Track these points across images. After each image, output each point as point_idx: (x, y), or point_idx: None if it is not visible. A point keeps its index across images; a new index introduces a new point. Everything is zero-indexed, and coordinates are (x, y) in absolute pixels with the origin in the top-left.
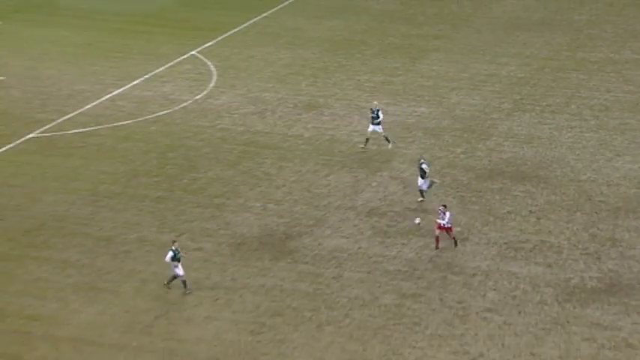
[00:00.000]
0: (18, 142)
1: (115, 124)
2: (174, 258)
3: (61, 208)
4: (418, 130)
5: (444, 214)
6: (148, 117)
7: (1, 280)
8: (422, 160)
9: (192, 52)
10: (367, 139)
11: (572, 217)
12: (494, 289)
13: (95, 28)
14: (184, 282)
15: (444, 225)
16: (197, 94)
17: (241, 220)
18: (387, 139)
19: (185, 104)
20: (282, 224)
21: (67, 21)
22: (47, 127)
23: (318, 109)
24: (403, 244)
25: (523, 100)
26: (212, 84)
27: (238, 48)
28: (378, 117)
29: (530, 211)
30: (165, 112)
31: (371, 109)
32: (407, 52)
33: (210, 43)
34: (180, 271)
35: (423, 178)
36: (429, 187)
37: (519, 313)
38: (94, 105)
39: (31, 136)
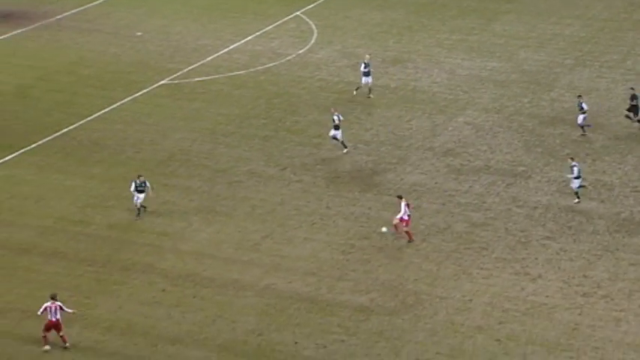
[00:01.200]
0: (152, 87)
1: (230, 74)
2: (136, 189)
3: (186, 144)
4: (490, 82)
5: (400, 205)
6: (258, 68)
7: None
8: (336, 113)
9: (297, 13)
10: (358, 88)
11: (623, 160)
12: (553, 220)
13: None
14: (139, 209)
15: (404, 218)
16: (300, 49)
17: (335, 157)
18: (369, 91)
19: (289, 58)
20: (370, 161)
21: None
22: (175, 75)
23: (402, 63)
24: (474, 180)
25: (584, 57)
26: (313, 41)
27: (336, 9)
28: (369, 69)
29: (587, 154)
30: (272, 64)
31: (364, 62)
32: (482, 14)
33: (312, 5)
34: (138, 200)
35: (336, 129)
36: (335, 137)
37: (574, 241)
38: (214, 57)
39: (162, 82)
